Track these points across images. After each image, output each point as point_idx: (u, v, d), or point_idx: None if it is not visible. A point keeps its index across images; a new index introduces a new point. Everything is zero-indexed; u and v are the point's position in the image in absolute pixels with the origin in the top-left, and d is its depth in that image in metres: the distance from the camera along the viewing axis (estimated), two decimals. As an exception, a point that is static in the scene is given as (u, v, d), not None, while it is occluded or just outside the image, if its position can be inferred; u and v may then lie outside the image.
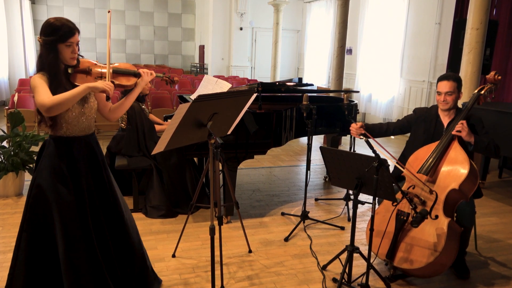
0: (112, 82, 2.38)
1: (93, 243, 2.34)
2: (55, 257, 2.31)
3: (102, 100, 2.51)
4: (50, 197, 2.28)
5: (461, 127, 2.88)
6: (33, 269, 2.31)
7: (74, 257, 2.29)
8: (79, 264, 2.29)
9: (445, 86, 3.03)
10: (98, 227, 2.39)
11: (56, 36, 2.20)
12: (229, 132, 2.89)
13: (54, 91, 2.18)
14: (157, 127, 4.32)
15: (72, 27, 2.24)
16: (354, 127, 3.09)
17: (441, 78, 3.08)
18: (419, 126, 3.23)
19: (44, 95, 2.13)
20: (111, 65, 2.43)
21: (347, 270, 2.79)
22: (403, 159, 3.23)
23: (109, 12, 2.51)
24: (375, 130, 3.30)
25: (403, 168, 2.98)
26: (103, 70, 2.41)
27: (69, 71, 2.33)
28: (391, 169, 2.89)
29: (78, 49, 2.31)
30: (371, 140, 2.87)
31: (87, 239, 2.33)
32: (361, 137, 3.04)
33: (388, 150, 2.77)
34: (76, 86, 2.27)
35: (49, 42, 2.20)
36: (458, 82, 3.05)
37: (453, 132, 2.92)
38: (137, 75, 2.54)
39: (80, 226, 2.31)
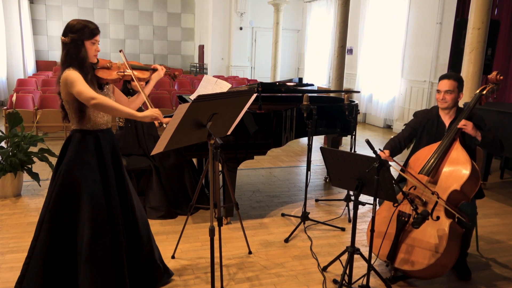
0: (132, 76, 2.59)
1: (120, 234, 2.47)
2: (73, 248, 2.41)
3: (118, 94, 2.69)
4: (79, 190, 2.40)
5: (465, 122, 2.89)
6: (51, 259, 2.39)
7: (96, 248, 2.38)
8: (100, 255, 2.39)
9: (445, 84, 3.02)
10: (117, 219, 2.50)
11: (82, 33, 2.37)
12: (228, 133, 2.88)
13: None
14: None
15: (96, 26, 2.45)
16: (383, 156, 3.04)
17: (442, 77, 3.08)
18: (424, 129, 3.22)
19: (90, 89, 2.33)
20: (129, 62, 2.66)
21: (347, 272, 2.77)
22: (407, 163, 3.21)
23: (120, 51, 2.76)
24: (396, 151, 3.23)
25: (406, 174, 2.94)
26: (120, 65, 2.63)
27: (94, 66, 2.50)
28: (396, 174, 2.88)
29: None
30: (394, 164, 2.89)
31: (113, 231, 2.44)
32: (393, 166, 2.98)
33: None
34: (101, 80, 2.48)
35: (76, 38, 2.36)
36: (459, 81, 3.04)
37: (459, 126, 2.92)
38: (151, 69, 2.78)
39: (108, 218, 2.43)
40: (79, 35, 2.37)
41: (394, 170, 2.65)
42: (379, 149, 2.83)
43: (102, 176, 2.47)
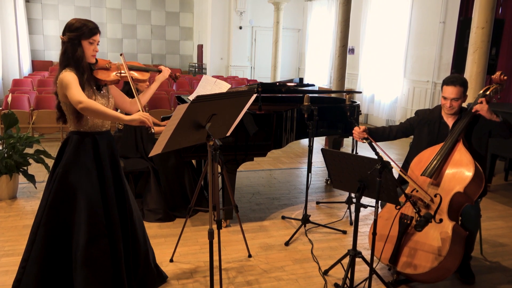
0: (131, 78, 2.56)
1: (117, 237, 2.46)
2: (69, 252, 2.39)
3: (119, 95, 2.68)
4: (76, 193, 2.38)
5: (480, 106, 2.84)
6: (47, 263, 2.37)
7: (94, 252, 2.37)
8: (98, 259, 2.37)
9: (452, 92, 2.96)
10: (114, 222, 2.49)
11: (80, 32, 2.36)
12: (228, 134, 2.86)
13: (82, 86, 2.34)
14: (155, 129, 4.26)
15: (95, 26, 2.42)
16: (357, 130, 3.02)
17: (447, 82, 2.99)
18: (422, 129, 3.18)
19: (80, 93, 2.29)
20: (128, 63, 2.62)
21: (349, 275, 2.74)
22: (407, 164, 3.17)
23: (121, 55, 2.66)
24: (378, 134, 3.25)
25: (405, 175, 2.92)
26: (119, 66, 2.59)
27: (92, 67, 2.48)
28: (395, 173, 2.85)
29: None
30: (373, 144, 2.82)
31: (110, 235, 2.43)
32: (364, 141, 2.98)
33: (391, 153, 2.72)
34: (99, 81, 2.45)
35: (74, 37, 2.35)
36: (464, 86, 2.99)
37: (474, 109, 2.87)
38: (153, 70, 2.79)
39: (105, 222, 2.42)
40: (76, 34, 2.35)
41: (396, 172, 2.63)
42: (355, 123, 2.80)
43: (99, 179, 2.45)
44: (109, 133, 2.59)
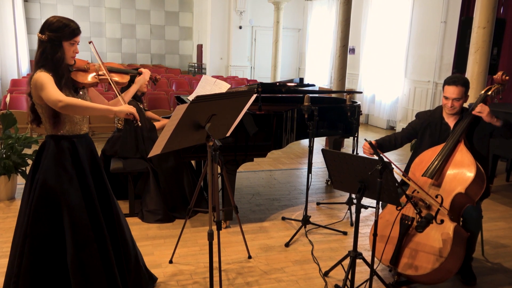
0: (109, 79, 2.47)
1: (106, 242, 2.40)
2: (62, 260, 2.32)
3: (96, 96, 2.57)
4: (58, 199, 2.30)
5: (481, 108, 2.82)
6: (39, 274, 2.30)
7: (83, 258, 2.31)
8: (88, 265, 2.32)
9: (453, 92, 2.94)
10: (101, 227, 2.43)
11: (62, 33, 2.25)
12: (228, 134, 2.85)
13: (60, 89, 2.23)
14: (157, 124, 4.26)
15: (77, 26, 2.33)
16: (366, 146, 3.01)
17: (448, 82, 2.97)
18: (424, 131, 3.17)
19: (57, 92, 2.19)
20: (105, 63, 2.51)
21: (349, 277, 2.73)
22: (409, 168, 3.16)
23: (90, 42, 2.61)
24: (385, 146, 3.25)
25: (409, 180, 2.89)
26: (98, 67, 2.49)
27: (70, 69, 2.39)
28: (399, 178, 2.84)
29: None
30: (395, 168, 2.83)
31: (99, 240, 2.37)
32: (374, 155, 2.94)
33: (392, 153, 2.70)
34: (77, 83, 2.37)
35: (54, 38, 2.24)
36: (466, 86, 2.97)
37: (474, 112, 2.85)
38: (133, 72, 2.72)
39: (91, 227, 2.35)
40: (57, 35, 2.24)
41: (396, 174, 2.62)
42: (364, 139, 2.79)
43: (81, 183, 2.37)
44: (88, 137, 2.50)
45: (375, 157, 2.59)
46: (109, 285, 2.40)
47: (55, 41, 2.25)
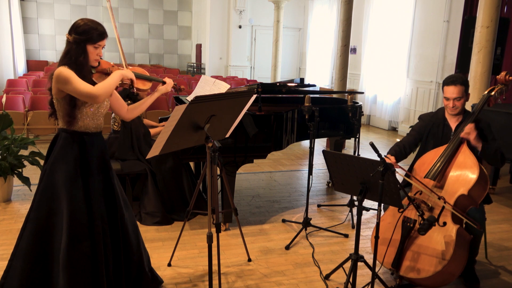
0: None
1: (99, 243, 2.41)
2: (56, 249, 2.37)
3: (116, 100, 2.61)
4: (60, 191, 2.35)
5: (469, 130, 2.84)
6: (32, 259, 2.37)
7: (74, 255, 2.34)
8: (78, 262, 2.35)
9: (453, 91, 2.94)
10: (104, 227, 2.47)
11: (88, 36, 2.31)
12: (227, 135, 2.84)
13: None
14: (152, 131, 4.23)
15: (104, 31, 2.39)
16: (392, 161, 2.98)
17: (447, 83, 2.97)
18: (428, 133, 3.16)
19: (86, 84, 2.26)
20: (129, 67, 2.58)
21: (351, 280, 2.71)
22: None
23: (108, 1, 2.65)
24: (397, 157, 3.18)
25: (415, 180, 2.85)
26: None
27: (92, 71, 2.45)
28: (400, 179, 2.81)
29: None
30: (399, 170, 2.84)
31: (93, 239, 2.39)
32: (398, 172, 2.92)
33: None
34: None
35: (79, 41, 2.30)
36: (465, 85, 2.97)
37: (462, 135, 2.87)
38: (157, 80, 2.76)
39: (87, 225, 2.38)
40: (82, 38, 2.30)
41: (399, 175, 2.60)
42: (384, 155, 2.76)
43: (84, 181, 2.40)
44: (100, 136, 2.53)
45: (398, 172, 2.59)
46: (94, 284, 2.40)
47: (80, 43, 2.30)
